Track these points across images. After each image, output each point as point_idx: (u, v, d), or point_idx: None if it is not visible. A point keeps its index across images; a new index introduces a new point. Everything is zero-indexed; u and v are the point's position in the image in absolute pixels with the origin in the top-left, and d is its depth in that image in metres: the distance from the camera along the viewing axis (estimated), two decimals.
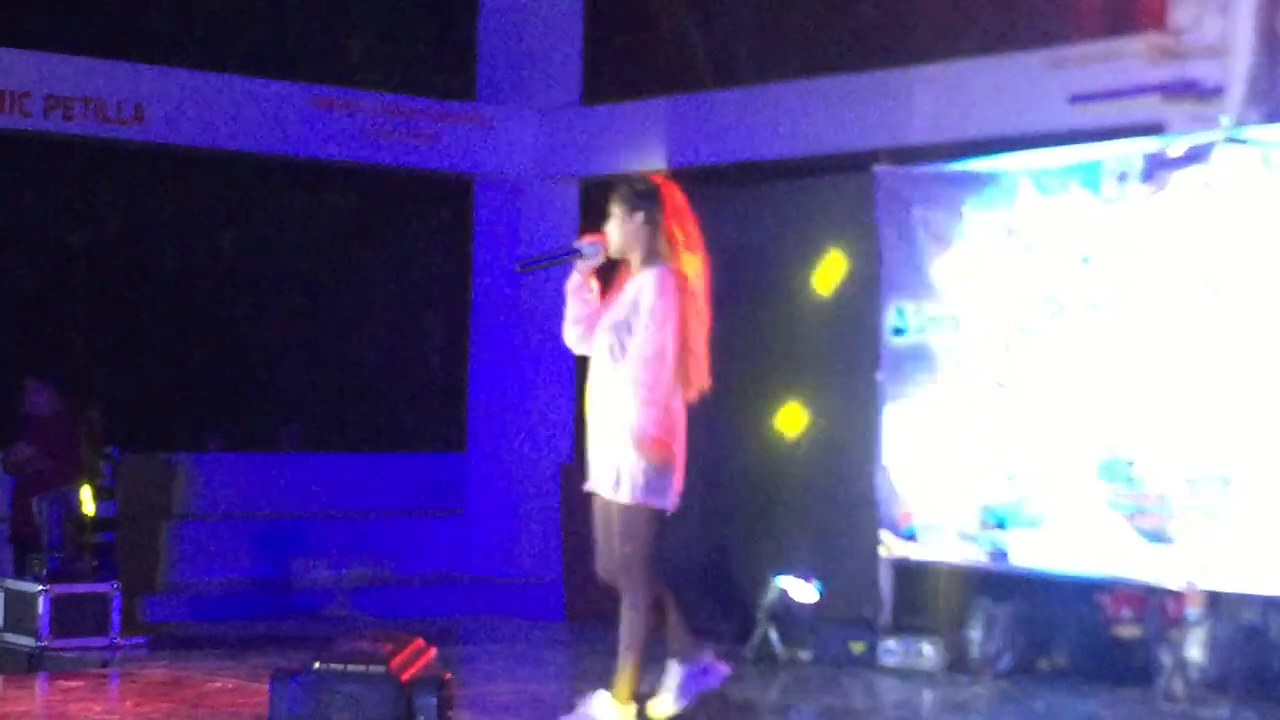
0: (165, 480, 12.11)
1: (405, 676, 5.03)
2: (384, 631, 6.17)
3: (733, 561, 10.63)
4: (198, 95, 11.55)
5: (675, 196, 7.34)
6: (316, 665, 5.07)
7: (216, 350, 12.44)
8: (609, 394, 7.14)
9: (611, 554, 7.30)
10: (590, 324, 7.25)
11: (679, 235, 7.22)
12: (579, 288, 7.26)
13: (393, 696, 4.98)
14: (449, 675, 5.24)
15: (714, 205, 10.77)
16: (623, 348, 7.09)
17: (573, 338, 7.34)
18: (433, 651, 5.40)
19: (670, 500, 7.18)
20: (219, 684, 8.61)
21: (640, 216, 7.19)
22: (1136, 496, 8.80)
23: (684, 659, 7.52)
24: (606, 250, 7.22)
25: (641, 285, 7.10)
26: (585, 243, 7.27)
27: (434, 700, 5.02)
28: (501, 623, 11.54)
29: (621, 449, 7.09)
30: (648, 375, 7.03)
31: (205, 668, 9.13)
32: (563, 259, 7.41)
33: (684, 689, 7.64)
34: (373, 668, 4.99)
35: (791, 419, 10.60)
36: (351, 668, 5.01)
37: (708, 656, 7.58)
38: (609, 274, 7.33)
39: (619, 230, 7.20)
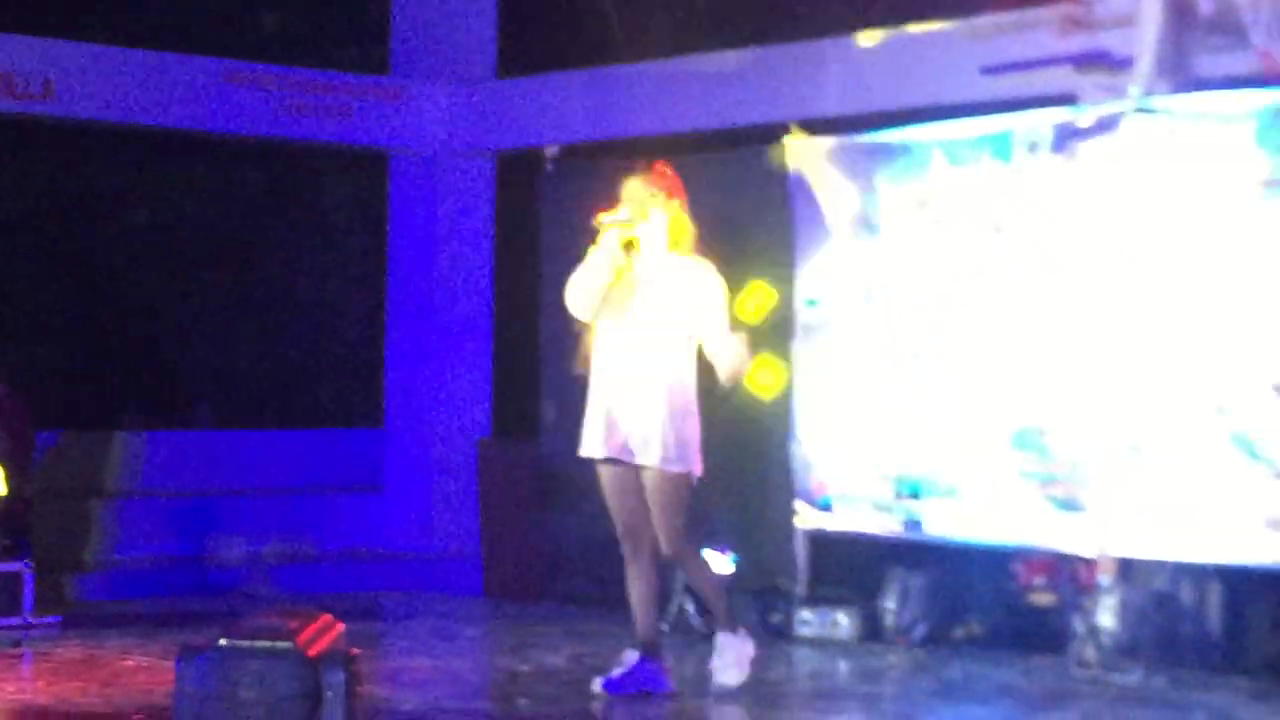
0: (82, 458, 12.01)
1: (312, 652, 5.01)
2: (292, 608, 6.16)
3: None
4: (108, 69, 11.44)
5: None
6: (223, 642, 5.04)
7: (130, 328, 12.33)
8: (654, 371, 7.70)
9: (633, 514, 7.83)
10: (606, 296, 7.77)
11: (688, 220, 7.94)
12: (619, 252, 7.75)
13: (300, 672, 4.96)
14: (357, 651, 5.21)
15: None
16: (670, 330, 7.72)
17: (590, 298, 7.80)
18: (340, 627, 5.38)
19: (699, 466, 7.84)
20: (132, 662, 8.57)
21: (675, 203, 7.87)
22: (1049, 465, 8.86)
23: (646, 652, 7.88)
24: (636, 229, 7.80)
25: (696, 276, 7.80)
26: (630, 216, 7.79)
27: (342, 676, 5.00)
28: (419, 598, 11.52)
29: (669, 420, 7.67)
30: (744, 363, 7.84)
31: (119, 646, 9.08)
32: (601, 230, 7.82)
33: (630, 679, 7.73)
34: (279, 644, 4.96)
35: (707, 390, 10.58)
36: (258, 644, 4.98)
37: (665, 664, 7.97)
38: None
39: (659, 215, 7.82)
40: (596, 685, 7.85)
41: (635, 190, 7.83)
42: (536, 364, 11.32)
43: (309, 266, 12.78)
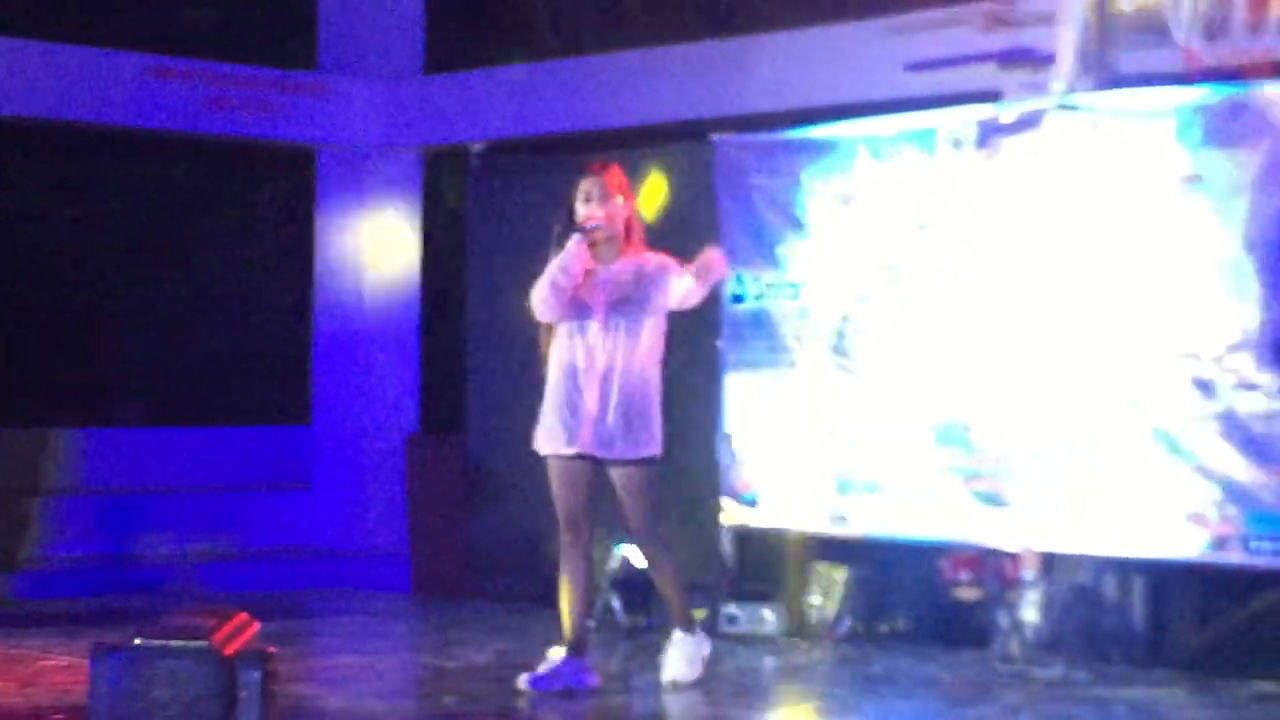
0: (6, 456, 11.92)
1: (228, 651, 4.98)
2: (209, 606, 6.13)
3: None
4: (29, 65, 11.35)
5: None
6: (137, 641, 5.01)
7: (54, 326, 12.24)
8: (620, 364, 7.88)
9: (579, 506, 8.01)
10: (571, 298, 7.92)
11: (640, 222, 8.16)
12: (585, 254, 7.91)
13: (215, 671, 4.93)
14: (274, 649, 5.19)
15: (555, 174, 10.77)
16: (637, 321, 7.90)
17: (557, 300, 7.91)
18: (257, 625, 5.36)
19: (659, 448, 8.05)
20: (53, 661, 8.51)
21: (626, 205, 8.04)
22: (973, 460, 8.90)
23: (573, 649, 7.94)
24: (603, 233, 7.95)
25: (654, 267, 7.95)
26: (591, 222, 7.91)
27: (258, 674, 4.97)
28: (347, 596, 11.48)
29: (635, 412, 7.86)
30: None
31: (40, 645, 9.01)
32: (571, 231, 7.97)
33: (555, 676, 7.82)
34: (194, 643, 4.94)
35: None
36: (173, 643, 4.95)
37: (590, 661, 8.03)
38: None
39: (618, 218, 7.97)
40: (522, 682, 7.84)
41: (598, 191, 7.96)
42: (464, 360, 11.30)
43: (236, 263, 12.72)
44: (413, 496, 11.88)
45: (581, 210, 7.93)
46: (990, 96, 9.39)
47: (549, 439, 8.00)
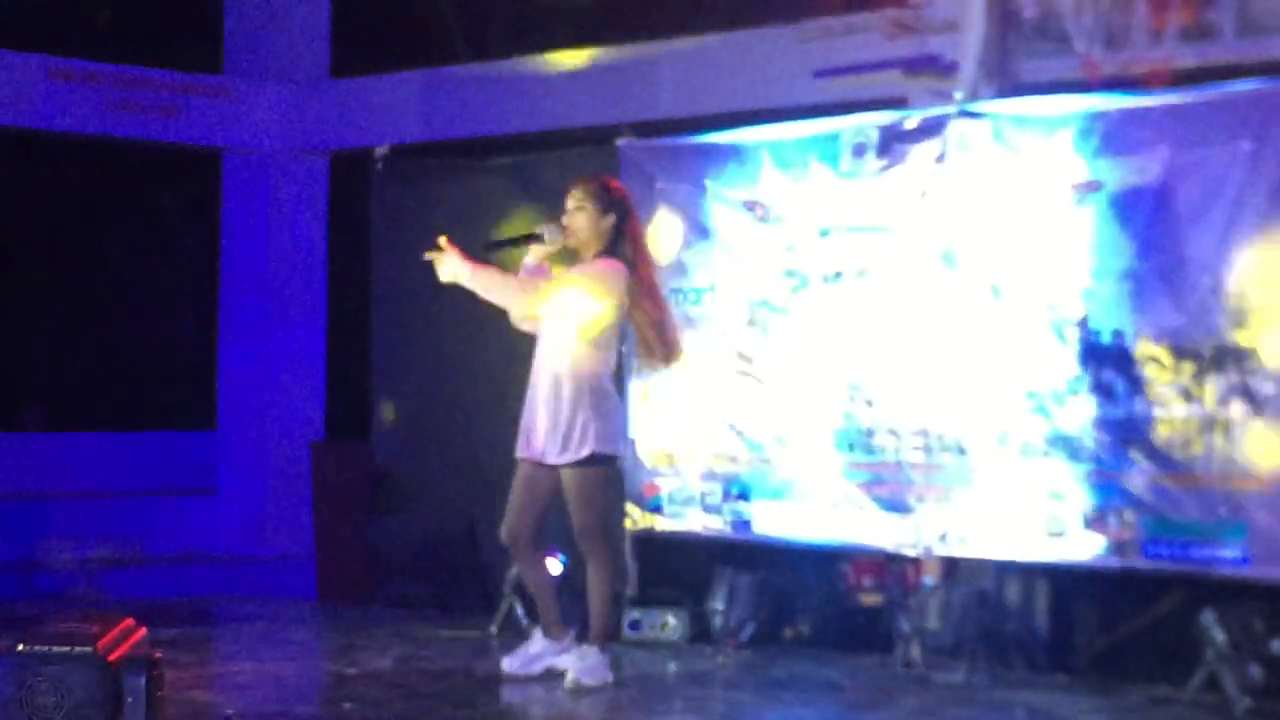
0: None
1: (113, 657, 4.93)
2: (94, 612, 6.07)
3: (478, 535, 10.59)
4: None
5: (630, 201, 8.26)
6: (20, 647, 4.95)
7: None
8: (560, 371, 7.99)
9: (522, 514, 8.17)
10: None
11: (642, 242, 8.24)
12: (538, 270, 8.09)
13: (99, 677, 4.88)
14: (160, 655, 5.14)
15: (461, 178, 10.76)
16: (577, 329, 7.94)
17: (519, 318, 8.18)
18: (143, 631, 5.30)
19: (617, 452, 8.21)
20: None
21: (611, 218, 8.06)
22: (875, 466, 8.92)
23: (549, 634, 8.29)
24: (565, 238, 8.06)
25: (594, 269, 8.00)
26: (547, 228, 8.03)
27: (143, 680, 4.92)
28: (252, 602, 11.40)
29: (578, 420, 7.96)
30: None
31: None
32: (524, 243, 8.14)
33: (538, 658, 8.22)
34: (78, 649, 4.88)
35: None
36: (56, 649, 4.90)
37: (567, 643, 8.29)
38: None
39: (588, 226, 8.04)
40: (505, 664, 8.29)
41: (570, 201, 8.10)
42: (369, 366, 11.25)
43: (140, 266, 12.63)
44: (318, 502, 11.82)
45: (563, 221, 8.10)
46: (897, 104, 9.43)
47: (517, 443, 8.18)
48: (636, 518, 9.73)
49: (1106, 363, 8.26)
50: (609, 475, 8.18)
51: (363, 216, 11.36)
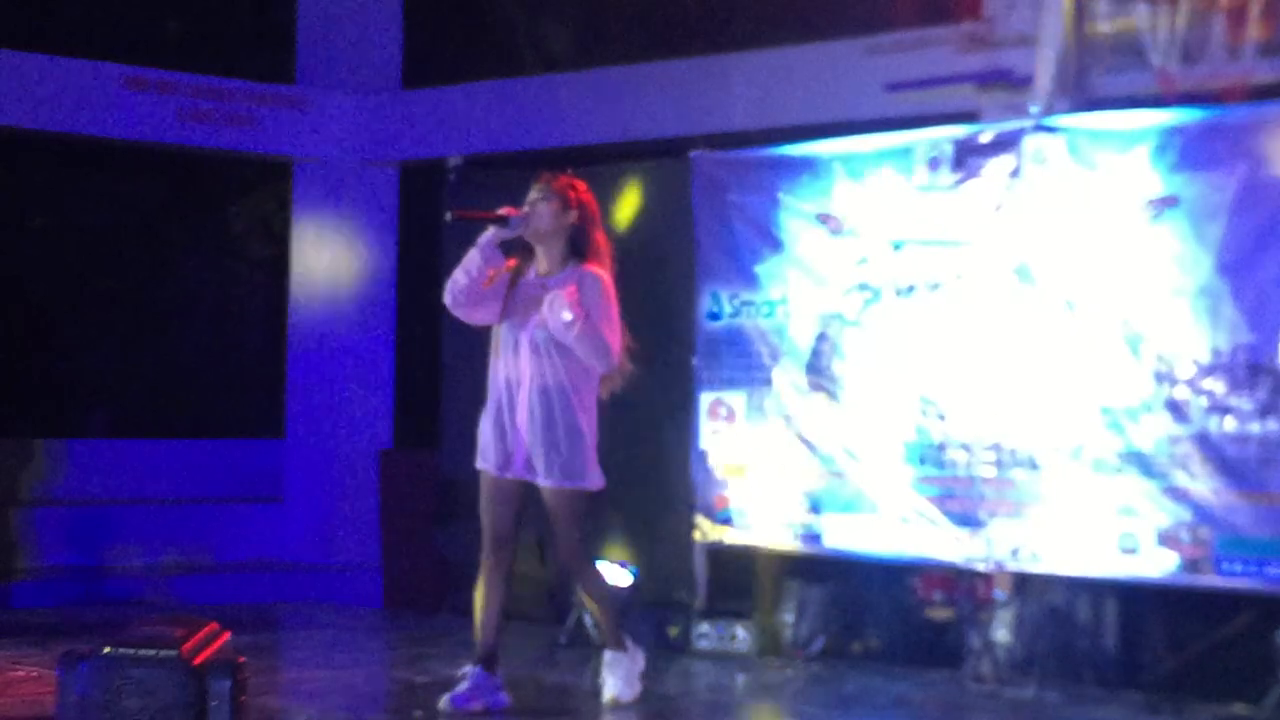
0: None
1: (197, 660, 4.96)
2: (178, 615, 6.11)
3: (548, 546, 10.60)
4: (8, 74, 11.33)
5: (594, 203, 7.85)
6: (106, 650, 4.98)
7: (28, 335, 12.21)
8: (546, 383, 7.61)
9: (505, 524, 7.74)
10: (490, 294, 7.62)
11: (606, 250, 7.80)
12: (494, 253, 7.55)
13: (184, 681, 4.90)
14: (244, 659, 5.17)
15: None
16: (558, 342, 7.53)
17: (461, 297, 7.61)
18: (227, 635, 5.33)
19: (599, 479, 7.76)
20: (22, 672, 8.46)
21: (574, 215, 7.70)
22: (946, 480, 8.90)
23: (485, 665, 7.76)
24: (526, 230, 7.60)
25: (585, 281, 7.60)
26: (513, 214, 7.56)
27: (228, 684, 4.95)
28: (319, 609, 11.45)
29: (563, 434, 7.59)
30: (607, 359, 7.68)
31: (10, 656, 8.96)
32: (489, 220, 7.61)
33: (476, 692, 7.67)
34: (163, 652, 4.91)
35: (609, 403, 10.58)
36: (142, 652, 4.92)
37: (500, 679, 7.82)
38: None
39: (551, 218, 7.65)
40: (444, 702, 7.64)
41: (532, 192, 7.71)
42: (438, 376, 11.28)
43: (212, 275, 12.70)
44: (385, 511, 11.87)
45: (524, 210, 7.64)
46: (969, 117, 9.41)
47: (483, 457, 7.77)
48: (706, 530, 9.73)
49: (1181, 379, 8.23)
50: (590, 495, 7.80)
51: (433, 227, 11.39)
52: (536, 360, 7.63)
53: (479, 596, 7.81)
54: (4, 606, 10.98)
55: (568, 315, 7.45)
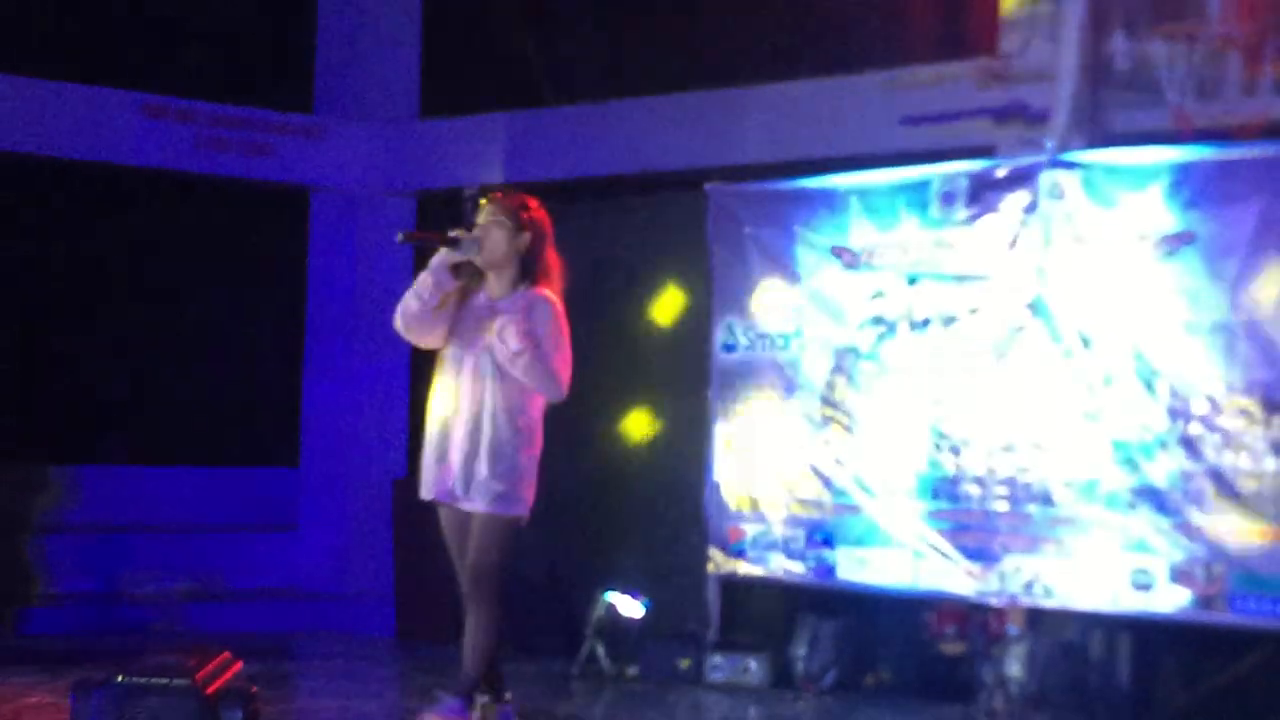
0: None
1: (210, 690, 4.96)
2: (191, 645, 6.11)
3: (561, 577, 10.61)
4: (25, 102, 11.36)
5: (548, 222, 7.50)
6: (119, 678, 4.99)
7: (42, 362, 12.22)
8: (485, 407, 7.25)
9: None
10: (439, 317, 7.31)
11: (559, 274, 7.44)
12: (445, 276, 7.25)
13: (196, 710, 4.91)
14: (256, 689, 5.17)
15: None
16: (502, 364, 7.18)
17: (413, 321, 7.35)
18: (239, 665, 5.33)
19: (527, 509, 7.35)
20: (34, 699, 8.46)
21: (527, 237, 7.35)
22: (960, 514, 8.90)
23: (467, 698, 7.37)
24: (478, 254, 7.28)
25: (536, 307, 7.27)
26: (465, 237, 7.27)
27: (240, 714, 4.96)
28: (332, 638, 11.44)
29: (495, 460, 7.23)
30: (556, 389, 7.31)
31: (22, 683, 8.96)
32: (439, 243, 7.36)
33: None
34: (176, 681, 4.91)
35: (622, 434, 10.61)
36: (154, 680, 4.92)
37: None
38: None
39: (503, 242, 7.30)
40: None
41: (482, 215, 7.39)
42: None
43: (227, 303, 12.69)
44: (399, 539, 11.85)
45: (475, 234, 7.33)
46: (985, 152, 9.42)
47: (423, 486, 7.50)
48: (720, 562, 9.73)
49: (1195, 415, 8.22)
50: (520, 526, 7.40)
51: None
52: (479, 384, 7.29)
53: (468, 630, 7.50)
54: (18, 633, 10.98)
55: (515, 344, 7.15)
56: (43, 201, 12.15)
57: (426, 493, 7.48)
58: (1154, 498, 8.28)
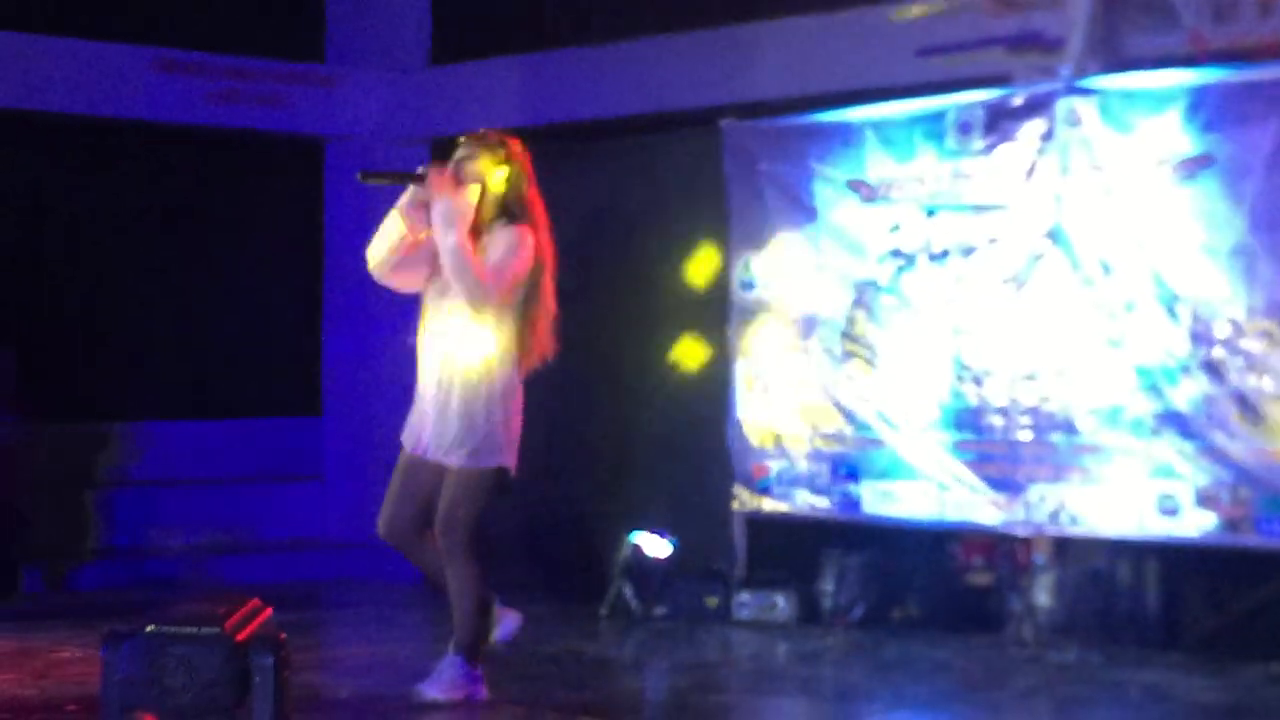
0: (17, 450, 11.90)
1: (240, 637, 4.97)
2: (219, 593, 6.12)
3: (587, 518, 10.63)
4: (38, 58, 11.34)
5: (529, 163, 7.20)
6: (149, 628, 5.00)
7: (61, 320, 12.23)
8: (462, 353, 7.02)
9: (407, 513, 7.25)
10: (417, 257, 7.13)
11: (541, 212, 7.11)
12: (415, 211, 7.04)
13: (227, 657, 4.91)
14: (285, 635, 5.18)
15: (563, 162, 10.75)
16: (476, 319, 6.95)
17: (384, 261, 7.20)
18: (269, 612, 5.34)
19: (512, 461, 7.08)
20: (66, 653, 8.50)
21: (503, 174, 7.06)
22: (984, 444, 8.89)
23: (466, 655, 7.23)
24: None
25: (501, 239, 6.96)
26: (433, 169, 7.05)
27: (270, 660, 4.96)
28: (360, 586, 11.48)
29: (467, 413, 6.99)
30: (476, 289, 6.90)
31: (54, 637, 9.01)
32: (407, 179, 7.18)
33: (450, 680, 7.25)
34: (206, 629, 4.92)
35: (643, 375, 10.60)
36: (184, 629, 4.93)
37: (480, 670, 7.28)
38: None
39: (479, 178, 7.03)
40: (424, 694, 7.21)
41: (460, 150, 7.18)
42: None
43: (244, 255, 12.68)
44: None
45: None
46: (1001, 81, 9.37)
47: (403, 434, 7.31)
48: (745, 499, 9.74)
49: (1218, 339, 8.20)
50: (501, 481, 7.10)
51: None
52: (452, 334, 7.07)
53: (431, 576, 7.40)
54: (48, 590, 11.03)
55: (449, 231, 6.84)
56: (58, 158, 12.15)
57: (402, 440, 7.29)
58: (1178, 422, 8.27)
